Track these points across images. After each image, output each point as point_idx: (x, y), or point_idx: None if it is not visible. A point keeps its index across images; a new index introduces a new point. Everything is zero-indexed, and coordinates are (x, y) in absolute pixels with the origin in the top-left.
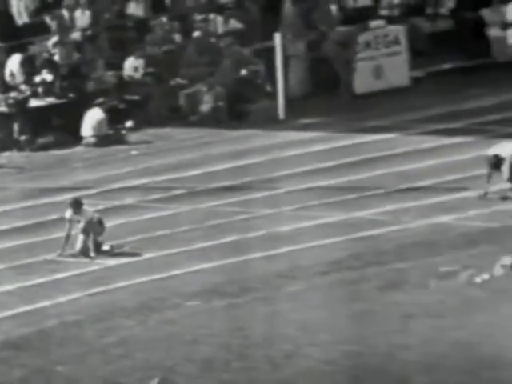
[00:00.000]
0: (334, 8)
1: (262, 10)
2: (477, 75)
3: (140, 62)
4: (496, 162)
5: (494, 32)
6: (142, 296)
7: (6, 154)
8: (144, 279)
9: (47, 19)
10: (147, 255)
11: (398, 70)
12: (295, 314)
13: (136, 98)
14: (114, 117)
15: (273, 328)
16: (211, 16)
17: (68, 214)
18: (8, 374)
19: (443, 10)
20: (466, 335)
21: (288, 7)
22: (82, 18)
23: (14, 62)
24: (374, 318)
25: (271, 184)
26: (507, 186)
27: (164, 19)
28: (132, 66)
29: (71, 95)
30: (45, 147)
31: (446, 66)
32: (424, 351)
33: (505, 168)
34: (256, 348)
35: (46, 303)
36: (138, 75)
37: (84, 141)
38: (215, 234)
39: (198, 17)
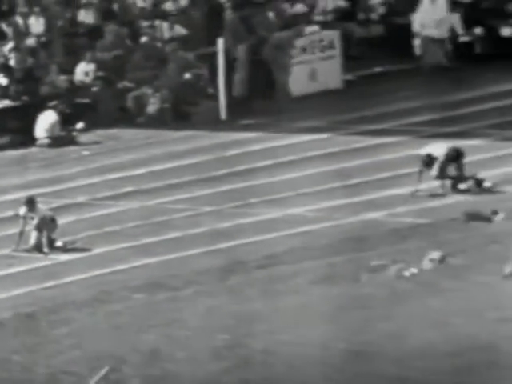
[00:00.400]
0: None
1: (205, 17)
2: (405, 78)
3: (91, 67)
4: (429, 161)
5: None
6: (92, 289)
7: None
8: (94, 273)
9: (3, 26)
10: (97, 250)
11: (331, 74)
12: (235, 305)
13: (86, 100)
14: (66, 119)
15: (213, 319)
16: (157, 22)
17: (22, 211)
18: None
19: (374, 16)
20: (395, 326)
21: (229, 14)
22: (36, 25)
23: None
24: (308, 310)
25: (213, 182)
26: (436, 183)
27: (113, 26)
28: (83, 70)
29: (25, 98)
30: (1, 148)
31: (377, 69)
32: (355, 341)
33: (435, 167)
34: (198, 339)
35: (2, 295)
36: (88, 79)
37: (38, 142)
38: (160, 229)
39: (145, 23)
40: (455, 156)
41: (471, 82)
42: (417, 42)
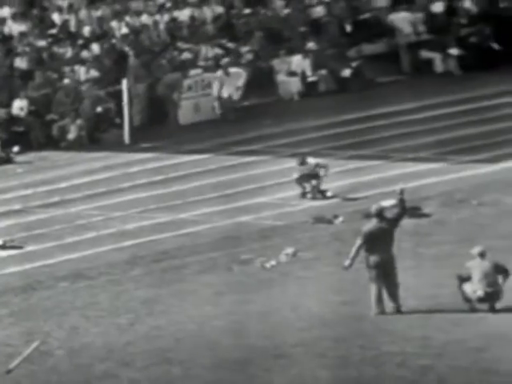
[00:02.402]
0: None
1: (113, 62)
2: (267, 109)
3: (24, 103)
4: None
5: (280, 77)
6: (26, 279)
7: None
8: (28, 266)
9: None
10: (30, 248)
11: (210, 106)
12: (137, 291)
13: (21, 129)
14: (5, 143)
15: (121, 302)
16: (76, 67)
17: None
18: None
19: (243, 61)
20: (260, 307)
21: (132, 59)
22: None
23: None
24: (192, 295)
25: (119, 193)
26: (293, 193)
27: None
28: (18, 106)
29: None
30: None
31: (245, 103)
32: (230, 319)
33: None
34: (108, 318)
35: None
36: (23, 113)
37: None
38: (80, 231)
39: (67, 68)
40: (315, 174)
41: (317, 112)
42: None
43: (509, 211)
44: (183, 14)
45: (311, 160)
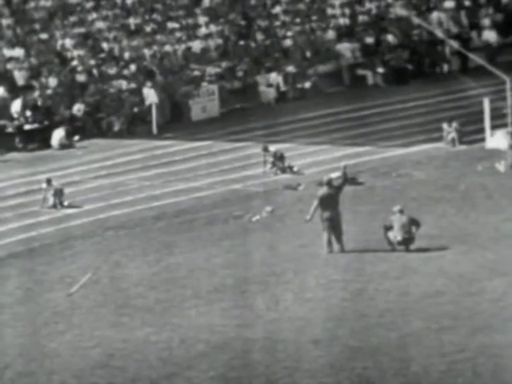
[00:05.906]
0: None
1: (145, 77)
2: (252, 110)
3: (81, 106)
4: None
5: (262, 88)
6: (84, 229)
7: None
8: (85, 220)
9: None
10: (86, 207)
11: (213, 108)
12: (162, 238)
13: (79, 124)
14: (68, 133)
15: (150, 245)
16: (119, 81)
17: (44, 185)
18: None
19: (237, 75)
20: (247, 248)
21: (158, 76)
22: (53, 82)
23: (16, 106)
24: (200, 240)
25: (149, 168)
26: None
27: (94, 82)
28: (77, 108)
29: (46, 122)
30: (32, 150)
31: (237, 105)
32: (226, 257)
33: (270, 159)
34: (141, 256)
35: (33, 233)
36: (79, 113)
37: (53, 147)
38: (121, 195)
39: (115, 82)
40: (279, 155)
41: (286, 112)
42: (262, 89)
43: (417, 181)
44: (194, 44)
45: (271, 148)
